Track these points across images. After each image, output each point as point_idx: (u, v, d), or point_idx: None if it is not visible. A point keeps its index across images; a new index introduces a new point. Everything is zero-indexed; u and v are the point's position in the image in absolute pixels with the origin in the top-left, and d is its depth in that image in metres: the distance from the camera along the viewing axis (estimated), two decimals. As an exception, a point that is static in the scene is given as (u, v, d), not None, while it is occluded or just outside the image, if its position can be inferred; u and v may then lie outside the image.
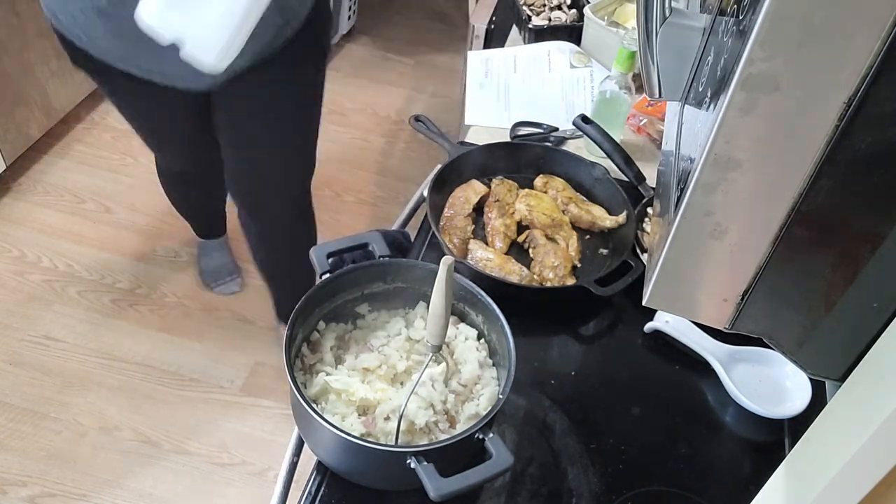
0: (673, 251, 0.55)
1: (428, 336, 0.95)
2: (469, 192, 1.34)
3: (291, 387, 0.93)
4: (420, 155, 2.78)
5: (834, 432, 0.58)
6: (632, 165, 1.37)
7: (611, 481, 1.03)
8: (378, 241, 1.08)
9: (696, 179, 0.50)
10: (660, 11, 0.61)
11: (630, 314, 1.24)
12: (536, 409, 1.10)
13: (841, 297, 0.52)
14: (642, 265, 1.20)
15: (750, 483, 1.04)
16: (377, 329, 1.08)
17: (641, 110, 1.56)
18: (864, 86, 0.43)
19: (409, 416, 0.95)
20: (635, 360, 1.20)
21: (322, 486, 0.99)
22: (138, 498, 1.85)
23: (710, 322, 0.58)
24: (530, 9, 1.81)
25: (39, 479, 1.86)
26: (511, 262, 1.24)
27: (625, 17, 1.71)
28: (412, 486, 0.88)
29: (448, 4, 3.49)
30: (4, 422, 1.95)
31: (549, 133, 1.54)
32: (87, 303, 2.22)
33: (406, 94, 3.05)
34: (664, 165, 0.70)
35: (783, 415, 1.09)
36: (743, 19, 0.47)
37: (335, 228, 2.45)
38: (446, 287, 0.91)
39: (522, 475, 1.03)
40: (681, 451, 1.08)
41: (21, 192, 2.47)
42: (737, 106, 0.46)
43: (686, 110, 0.64)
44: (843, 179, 0.47)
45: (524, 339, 1.01)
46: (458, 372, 1.03)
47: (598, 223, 1.33)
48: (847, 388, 0.56)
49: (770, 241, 0.51)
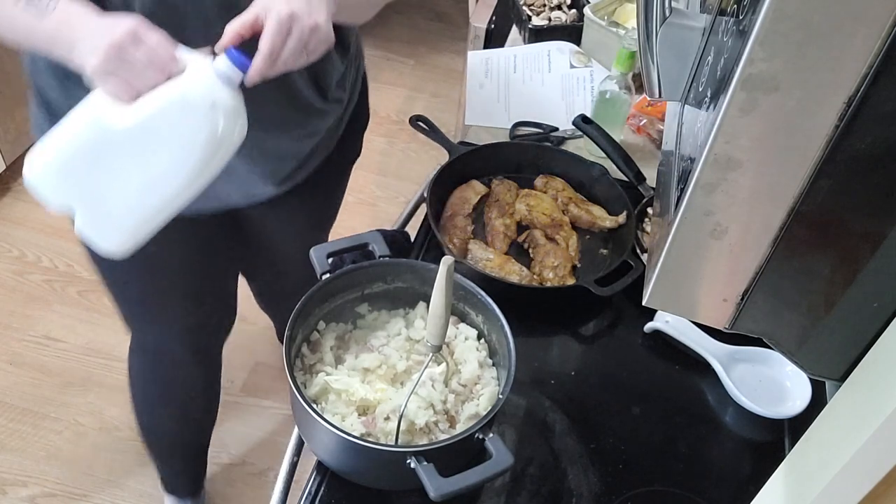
0: (673, 251, 0.55)
1: (428, 336, 0.95)
2: (469, 192, 1.34)
3: (291, 387, 0.93)
4: (420, 155, 2.78)
5: (834, 432, 0.58)
6: (632, 165, 1.37)
7: (611, 481, 1.03)
8: (378, 241, 1.08)
9: (696, 179, 0.50)
10: (660, 11, 0.61)
11: (630, 314, 1.24)
12: (536, 409, 1.10)
13: (841, 298, 0.52)
14: (642, 265, 1.20)
15: (750, 483, 1.04)
16: (377, 329, 1.08)
17: (641, 110, 1.56)
18: (864, 86, 0.43)
19: (409, 416, 0.95)
20: (635, 360, 1.20)
21: (322, 486, 0.99)
22: (138, 498, 1.85)
23: (710, 322, 0.58)
24: (530, 9, 1.81)
25: (39, 479, 1.86)
26: (511, 262, 1.24)
27: (625, 17, 1.71)
28: (412, 486, 0.88)
29: (448, 4, 3.49)
30: (4, 422, 1.95)
31: (549, 133, 1.55)
32: (87, 303, 2.22)
33: (406, 94, 3.05)
34: (664, 165, 0.70)
35: (783, 415, 1.09)
36: (743, 19, 0.47)
37: (335, 228, 2.44)
38: (446, 287, 0.91)
39: (522, 475, 1.03)
40: (681, 451, 1.08)
41: (21, 192, 2.47)
42: (737, 106, 0.46)
43: (686, 110, 0.64)
44: (843, 179, 0.47)
45: (524, 339, 1.01)
46: (458, 372, 1.03)
47: (598, 223, 1.33)
48: (847, 388, 0.56)
49: (770, 241, 0.51)
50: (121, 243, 0.93)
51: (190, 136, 0.87)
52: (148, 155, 0.88)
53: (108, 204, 0.90)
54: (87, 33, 0.85)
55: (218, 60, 0.86)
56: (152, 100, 0.85)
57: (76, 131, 0.89)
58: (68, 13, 0.87)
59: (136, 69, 0.83)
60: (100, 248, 0.93)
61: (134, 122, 0.85)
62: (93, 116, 0.87)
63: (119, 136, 0.86)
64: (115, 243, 0.93)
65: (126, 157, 0.88)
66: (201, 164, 0.88)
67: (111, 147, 0.87)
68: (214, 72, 0.85)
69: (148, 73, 0.84)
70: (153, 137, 0.86)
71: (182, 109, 0.85)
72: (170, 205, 0.90)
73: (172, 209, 0.91)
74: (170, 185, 0.89)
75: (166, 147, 0.87)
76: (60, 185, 0.90)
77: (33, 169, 0.91)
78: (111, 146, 0.87)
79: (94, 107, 0.87)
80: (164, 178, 0.89)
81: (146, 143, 0.87)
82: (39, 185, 0.90)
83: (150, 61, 0.84)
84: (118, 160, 0.88)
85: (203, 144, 0.87)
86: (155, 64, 0.84)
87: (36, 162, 0.91)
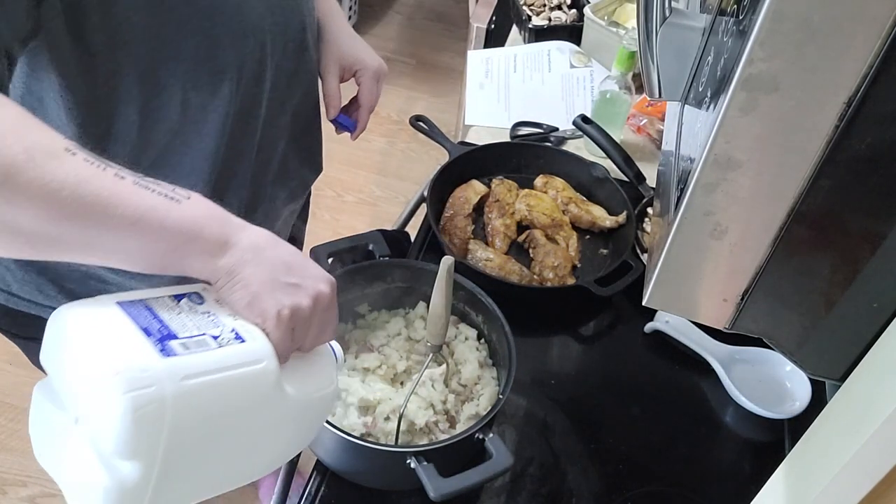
0: (673, 251, 0.55)
1: (428, 336, 0.95)
2: (469, 192, 1.34)
3: (291, 387, 0.93)
4: (420, 155, 2.78)
5: (834, 432, 0.58)
6: (632, 165, 1.37)
7: (611, 481, 1.03)
8: (378, 241, 1.08)
9: (696, 179, 0.50)
10: (660, 11, 0.61)
11: (630, 314, 1.24)
12: (536, 409, 1.10)
13: (841, 297, 0.52)
14: (642, 265, 1.20)
15: (750, 483, 1.04)
16: (377, 329, 1.08)
17: (641, 110, 1.56)
18: (864, 86, 0.43)
19: (409, 416, 0.95)
20: (635, 360, 1.20)
21: (322, 486, 0.99)
22: (138, 498, 1.85)
23: (710, 322, 0.58)
24: (530, 9, 1.81)
25: (39, 479, 1.86)
26: (511, 262, 1.24)
27: (625, 17, 1.71)
28: (412, 486, 0.88)
29: (448, 4, 3.49)
30: (4, 422, 1.95)
31: (549, 133, 1.54)
32: (87, 303, 2.22)
33: (406, 94, 3.05)
34: (664, 165, 0.70)
35: (783, 415, 1.09)
36: (743, 19, 0.47)
37: (335, 228, 2.44)
38: (446, 287, 0.91)
39: (522, 475, 1.03)
40: (681, 451, 1.08)
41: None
42: (737, 106, 0.46)
43: (686, 110, 0.64)
44: (843, 179, 0.47)
45: (524, 339, 1.01)
46: (458, 372, 1.03)
47: (598, 223, 1.33)
48: (847, 388, 0.56)
49: (770, 241, 0.51)
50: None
51: (314, 424, 0.75)
52: (275, 435, 0.70)
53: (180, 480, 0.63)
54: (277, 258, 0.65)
55: (339, 350, 0.75)
56: (315, 373, 0.70)
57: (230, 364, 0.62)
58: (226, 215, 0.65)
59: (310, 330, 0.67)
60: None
61: (298, 394, 0.68)
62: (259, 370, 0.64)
63: (279, 402, 0.66)
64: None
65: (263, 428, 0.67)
66: (293, 450, 0.76)
67: (261, 410, 0.66)
68: (335, 357, 0.74)
69: (319, 338, 0.69)
70: (302, 416, 0.71)
71: (330, 398, 0.73)
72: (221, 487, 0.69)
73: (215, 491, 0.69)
74: (250, 470, 0.71)
75: (302, 426, 0.73)
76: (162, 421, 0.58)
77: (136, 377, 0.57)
78: (262, 410, 0.66)
79: (247, 355, 0.63)
80: (250, 464, 0.70)
81: (299, 417, 0.70)
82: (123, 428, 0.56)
83: (325, 329, 0.69)
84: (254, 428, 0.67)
85: (315, 432, 0.76)
86: (325, 335, 0.70)
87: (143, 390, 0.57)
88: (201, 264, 0.63)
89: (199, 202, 0.63)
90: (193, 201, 0.63)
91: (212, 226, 0.63)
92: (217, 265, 0.63)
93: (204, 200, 0.64)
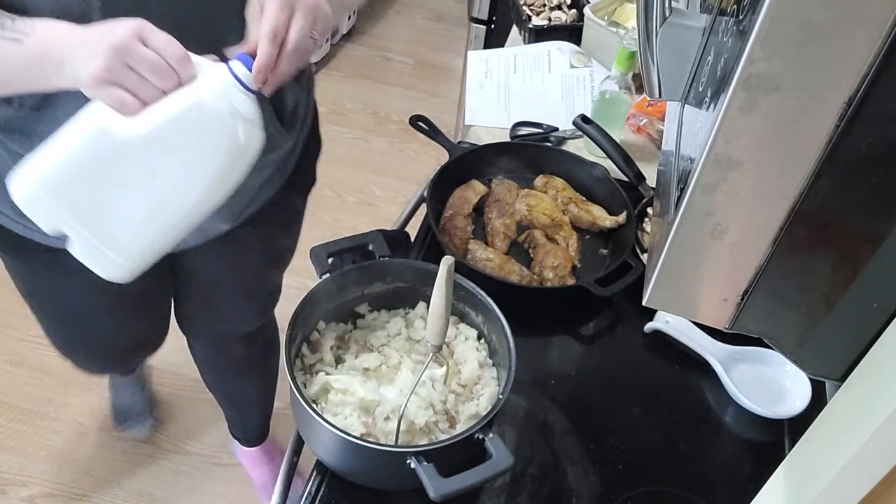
0: (673, 251, 0.55)
1: (428, 336, 0.95)
2: (469, 192, 1.34)
3: (291, 387, 0.93)
4: (420, 155, 2.78)
5: (834, 432, 0.58)
6: (632, 165, 1.37)
7: (611, 481, 1.03)
8: (378, 241, 1.08)
9: (696, 179, 0.50)
10: (660, 11, 0.61)
11: (630, 314, 1.24)
12: (536, 409, 1.10)
13: (841, 297, 0.52)
14: (642, 265, 1.20)
15: (750, 483, 1.04)
16: (377, 329, 1.08)
17: (641, 110, 1.56)
18: (864, 86, 0.43)
19: (409, 416, 0.95)
20: (635, 360, 1.20)
21: (322, 486, 0.99)
22: (138, 498, 1.85)
23: (710, 322, 0.58)
24: (530, 9, 1.81)
25: (39, 479, 1.86)
26: (511, 262, 1.24)
27: (625, 17, 1.71)
28: (412, 486, 0.88)
29: (448, 4, 3.49)
30: (4, 422, 1.95)
31: (549, 133, 1.54)
32: (87, 303, 2.22)
33: (406, 94, 3.05)
34: (664, 165, 0.70)
35: (783, 415, 1.09)
36: (743, 19, 0.47)
37: (335, 228, 2.44)
38: (446, 287, 0.91)
39: (522, 475, 1.03)
40: (681, 451, 1.08)
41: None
42: (737, 106, 0.46)
43: (686, 110, 0.64)
44: (843, 179, 0.47)
45: (524, 339, 1.01)
46: (458, 372, 1.03)
47: (598, 223, 1.33)
48: (847, 388, 0.56)
49: (770, 241, 0.51)
50: (125, 268, 0.84)
51: (209, 146, 0.79)
52: (160, 169, 0.79)
53: (113, 225, 0.80)
54: (80, 43, 0.75)
55: (234, 64, 0.78)
56: (165, 107, 0.76)
57: (76, 144, 0.78)
58: (53, 29, 0.77)
59: (142, 75, 0.74)
60: (101, 273, 0.83)
61: (146, 132, 0.76)
62: (95, 127, 0.77)
63: (128, 148, 0.77)
64: (119, 268, 0.83)
65: (135, 172, 0.79)
66: (220, 178, 0.80)
67: (118, 161, 0.78)
68: (231, 76, 0.78)
69: (157, 78, 0.74)
70: (167, 149, 0.78)
71: (200, 118, 0.77)
72: (181, 223, 0.82)
73: (183, 228, 0.83)
74: (184, 201, 0.81)
75: (181, 159, 0.79)
76: (57, 206, 0.79)
77: (24, 188, 0.79)
78: (117, 160, 0.78)
79: (96, 116, 0.77)
80: (177, 193, 0.80)
81: (159, 155, 0.78)
82: (32, 207, 0.79)
83: (158, 65, 0.74)
84: (126, 176, 0.79)
85: (223, 156, 0.79)
86: (163, 69, 0.74)
87: (27, 180, 0.79)
88: (58, 82, 0.77)
89: (40, 32, 0.77)
90: (37, 31, 0.77)
91: (50, 53, 0.76)
92: (65, 76, 0.76)
93: (47, 27, 0.77)
